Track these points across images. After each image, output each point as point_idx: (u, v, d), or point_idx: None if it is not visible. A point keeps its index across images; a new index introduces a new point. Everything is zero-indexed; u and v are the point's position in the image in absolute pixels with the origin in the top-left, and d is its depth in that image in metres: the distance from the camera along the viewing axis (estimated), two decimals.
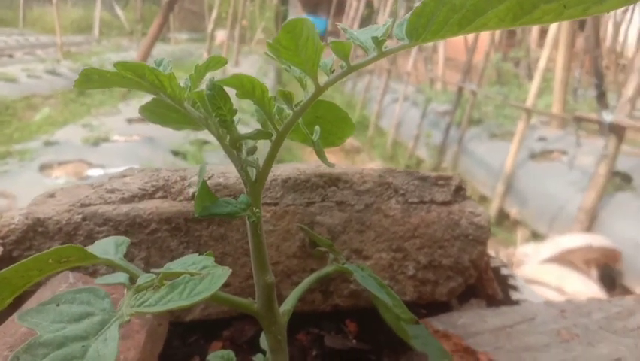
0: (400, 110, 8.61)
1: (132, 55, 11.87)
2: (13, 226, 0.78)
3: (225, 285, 0.51)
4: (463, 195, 0.88)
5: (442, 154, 7.42)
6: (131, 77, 0.52)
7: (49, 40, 13.84)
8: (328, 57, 0.51)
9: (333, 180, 0.85)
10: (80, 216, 0.78)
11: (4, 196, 3.33)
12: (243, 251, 0.81)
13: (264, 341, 0.70)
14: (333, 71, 0.51)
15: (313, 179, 0.84)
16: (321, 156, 0.64)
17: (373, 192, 0.84)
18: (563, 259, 4.21)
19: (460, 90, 7.41)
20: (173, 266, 0.48)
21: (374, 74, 10.81)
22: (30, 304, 0.70)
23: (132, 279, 0.48)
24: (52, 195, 0.89)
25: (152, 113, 0.69)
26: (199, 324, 0.83)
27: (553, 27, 6.23)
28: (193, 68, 0.54)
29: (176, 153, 4.82)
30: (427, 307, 0.91)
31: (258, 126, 0.55)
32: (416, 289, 0.87)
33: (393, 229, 0.84)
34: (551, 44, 6.24)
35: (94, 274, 0.79)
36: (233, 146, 0.52)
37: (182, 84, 0.53)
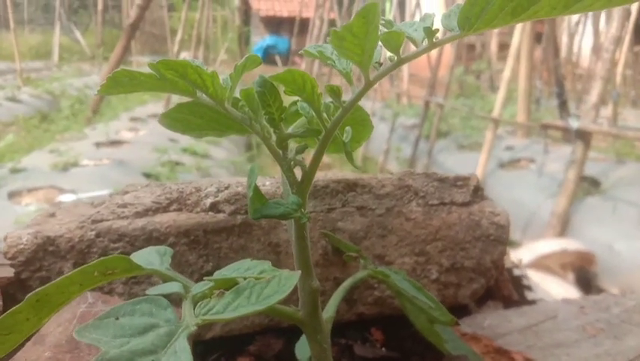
0: None
1: (95, 79, 11.69)
2: (21, 246, 0.74)
3: None
4: (482, 195, 0.87)
5: (412, 167, 7.48)
6: (171, 76, 0.49)
7: (8, 67, 13.52)
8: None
9: (351, 186, 0.83)
10: (93, 232, 0.75)
11: None
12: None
13: (300, 351, 0.67)
14: (381, 64, 0.50)
15: (332, 185, 0.82)
16: (350, 158, 0.62)
17: (393, 195, 0.83)
18: (540, 264, 4.27)
19: (427, 104, 7.51)
20: (227, 272, 0.46)
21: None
22: (49, 326, 0.66)
23: (185, 289, 0.45)
24: (52, 215, 0.85)
25: (174, 121, 0.66)
26: (220, 341, 0.80)
27: (515, 40, 6.39)
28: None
29: (148, 176, 4.73)
30: (450, 311, 0.89)
31: None
32: (439, 293, 0.85)
33: (415, 232, 0.83)
34: (514, 55, 6.39)
35: (110, 293, 0.75)
36: (280, 146, 0.50)
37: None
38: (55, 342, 0.59)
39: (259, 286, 0.40)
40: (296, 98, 0.54)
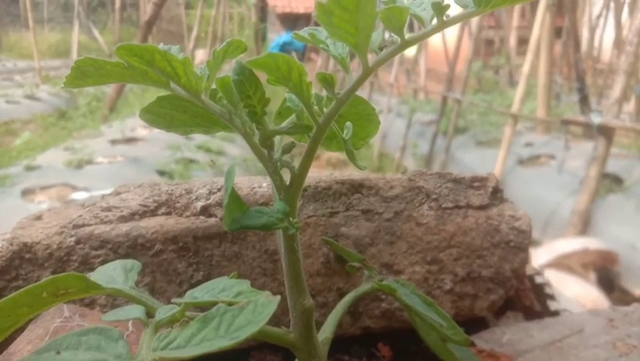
0: (384, 121, 8.56)
1: None
2: None
3: None
4: (501, 197, 0.80)
5: (429, 164, 7.37)
6: (137, 64, 0.42)
7: (27, 66, 13.65)
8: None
9: (356, 187, 0.76)
10: (72, 238, 0.68)
11: None
12: (261, 271, 0.72)
13: None
14: (382, 48, 0.42)
15: (335, 186, 0.75)
16: (352, 157, 0.55)
17: (403, 198, 0.75)
18: (560, 263, 4.16)
19: (445, 99, 7.39)
20: (199, 294, 0.39)
21: None
22: (19, 344, 0.60)
23: (149, 312, 0.39)
24: (39, 218, 0.79)
25: (155, 116, 0.59)
26: (214, 357, 0.73)
27: (534, 34, 6.24)
28: None
29: (162, 173, 4.69)
30: (463, 324, 0.82)
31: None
32: (454, 305, 0.78)
33: (427, 238, 0.75)
34: (533, 50, 6.25)
35: (91, 305, 0.69)
36: (264, 144, 0.43)
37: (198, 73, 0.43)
38: None
39: (230, 314, 0.33)
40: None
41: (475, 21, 7.76)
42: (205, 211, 0.71)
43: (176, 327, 0.34)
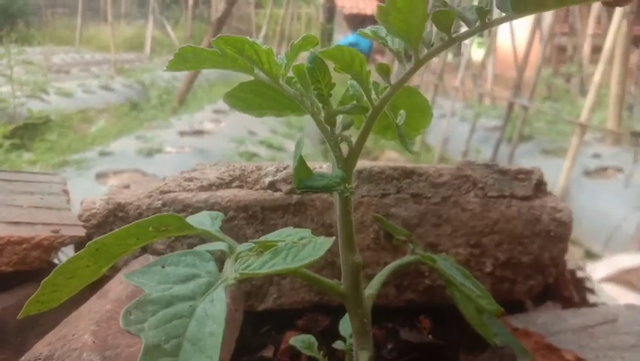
0: (447, 125, 8.51)
1: (182, 72, 12.16)
2: (94, 210, 0.80)
3: None
4: (544, 190, 0.85)
5: None
6: (230, 52, 0.52)
7: (103, 58, 14.31)
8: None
9: (408, 173, 0.83)
10: (160, 202, 0.80)
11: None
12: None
13: (343, 328, 0.69)
14: (432, 45, 0.50)
15: (388, 171, 0.83)
16: (404, 142, 0.63)
17: (450, 185, 0.82)
18: (620, 278, 4.04)
19: (511, 105, 7.27)
20: (270, 237, 0.48)
21: (420, 89, 10.75)
22: (112, 284, 0.71)
23: (231, 250, 0.48)
24: (127, 187, 0.91)
25: (236, 100, 0.69)
26: (271, 314, 0.83)
27: (608, 42, 6.05)
28: None
29: None
30: (503, 306, 0.88)
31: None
32: (493, 287, 0.84)
33: (471, 223, 0.82)
34: (606, 59, 6.06)
35: None
36: (328, 121, 0.52)
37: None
38: (116, 297, 0.63)
39: (295, 249, 0.43)
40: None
41: (546, 26, 7.60)
42: (272, 186, 0.81)
43: (253, 257, 0.43)
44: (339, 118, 0.53)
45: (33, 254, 0.72)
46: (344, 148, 0.54)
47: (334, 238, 0.43)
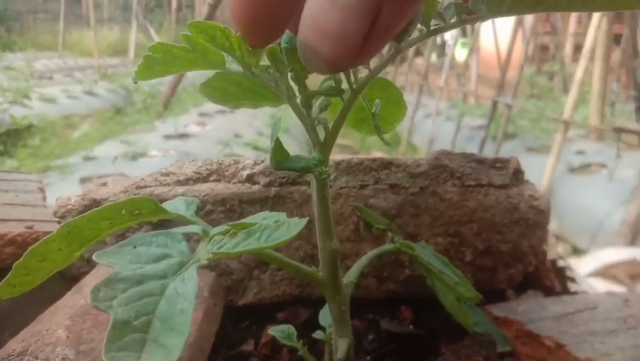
0: (432, 125, 8.56)
1: (168, 77, 12.11)
2: (70, 206, 0.79)
3: None
4: (522, 178, 0.86)
5: None
6: (202, 40, 0.52)
7: (87, 63, 14.23)
8: None
9: (386, 164, 0.83)
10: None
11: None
12: (297, 235, 0.80)
13: (323, 318, 0.69)
14: (410, 35, 0.50)
15: (366, 162, 0.83)
16: (380, 131, 0.63)
17: (428, 175, 0.82)
18: (606, 273, 4.08)
19: (495, 104, 7.34)
20: (246, 221, 0.48)
21: (405, 89, 10.80)
22: (88, 279, 0.70)
23: (205, 233, 0.48)
24: (104, 184, 0.90)
25: (212, 90, 0.69)
26: (251, 309, 0.82)
27: (589, 41, 6.12)
28: None
29: None
30: (484, 296, 0.88)
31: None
32: (474, 277, 0.84)
33: (449, 212, 0.82)
34: (588, 56, 6.13)
35: None
36: (305, 104, 0.52)
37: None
38: None
39: (269, 230, 0.42)
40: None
41: (528, 26, 7.67)
42: (250, 179, 0.80)
43: (227, 237, 0.43)
44: (317, 103, 0.53)
45: (7, 250, 0.71)
46: (320, 132, 0.54)
47: (308, 218, 0.43)
